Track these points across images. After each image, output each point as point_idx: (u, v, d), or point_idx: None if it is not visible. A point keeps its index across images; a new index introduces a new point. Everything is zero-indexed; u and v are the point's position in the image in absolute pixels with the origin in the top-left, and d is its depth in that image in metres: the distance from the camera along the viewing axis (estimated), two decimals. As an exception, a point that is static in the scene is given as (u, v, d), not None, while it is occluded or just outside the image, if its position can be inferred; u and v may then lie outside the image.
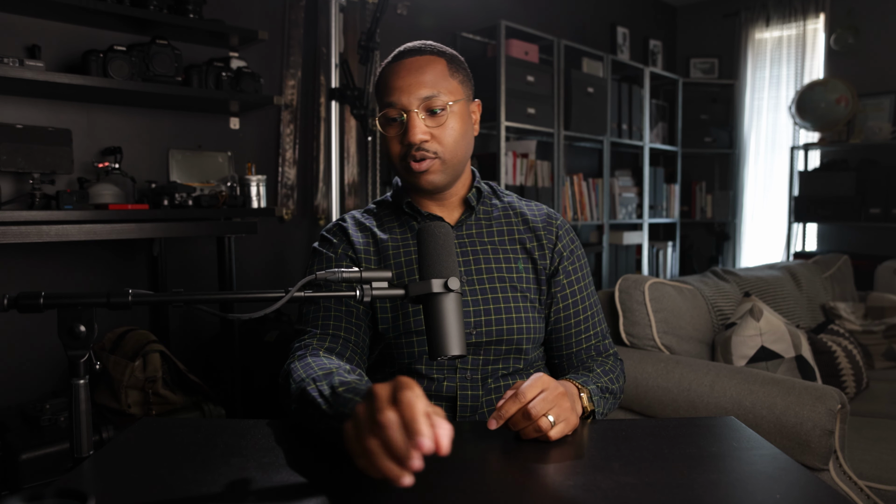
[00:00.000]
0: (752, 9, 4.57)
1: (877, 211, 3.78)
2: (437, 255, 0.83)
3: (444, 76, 1.07)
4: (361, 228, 1.16)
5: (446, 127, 1.06)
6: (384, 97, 1.08)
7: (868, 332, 2.63)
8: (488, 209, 1.18)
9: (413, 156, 1.05)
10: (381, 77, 1.11)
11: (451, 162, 1.08)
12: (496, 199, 1.21)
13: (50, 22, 2.13)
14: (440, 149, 1.06)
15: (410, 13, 3.13)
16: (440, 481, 0.73)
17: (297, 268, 2.87)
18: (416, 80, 1.05)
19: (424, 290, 0.80)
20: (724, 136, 4.65)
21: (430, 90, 1.05)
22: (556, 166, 3.60)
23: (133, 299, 0.74)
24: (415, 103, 1.04)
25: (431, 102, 1.05)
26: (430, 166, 1.06)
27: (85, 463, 0.75)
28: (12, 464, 1.67)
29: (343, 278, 0.79)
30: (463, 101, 1.10)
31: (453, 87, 1.08)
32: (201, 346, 2.56)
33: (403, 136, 1.06)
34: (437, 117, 1.06)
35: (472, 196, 1.15)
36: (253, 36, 2.33)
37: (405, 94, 1.05)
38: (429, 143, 1.05)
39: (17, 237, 1.78)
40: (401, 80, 1.06)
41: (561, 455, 0.81)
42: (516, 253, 1.14)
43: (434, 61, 1.08)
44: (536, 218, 1.18)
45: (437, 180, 1.08)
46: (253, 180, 2.38)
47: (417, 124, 1.04)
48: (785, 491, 0.69)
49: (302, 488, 0.71)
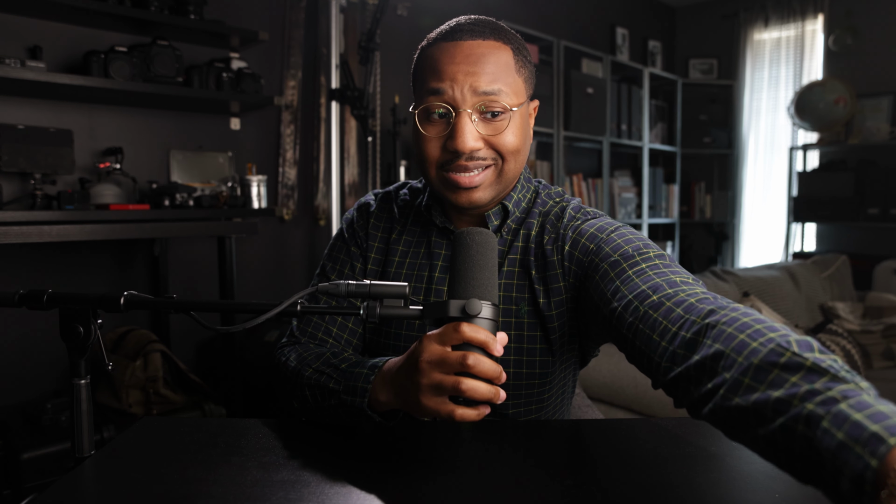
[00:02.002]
0: (750, 10, 4.57)
1: (875, 211, 3.78)
2: (467, 270, 0.69)
3: (509, 70, 0.85)
4: (386, 217, 1.00)
5: (506, 133, 0.85)
6: (428, 82, 0.84)
7: (866, 331, 2.63)
8: (517, 227, 0.93)
9: (460, 166, 0.84)
10: (427, 57, 0.86)
11: (508, 175, 0.88)
12: (531, 211, 0.94)
13: (51, 23, 2.13)
14: (496, 156, 0.86)
15: (411, 14, 3.13)
16: (440, 481, 0.74)
17: (298, 268, 2.87)
18: (474, 68, 0.82)
19: (440, 313, 0.68)
20: (724, 137, 4.65)
21: (490, 85, 0.83)
22: (556, 166, 3.61)
23: (125, 303, 0.74)
24: (469, 100, 0.82)
25: (490, 102, 0.83)
26: (483, 180, 0.86)
27: (86, 462, 0.76)
28: (14, 463, 1.67)
29: (348, 292, 0.67)
30: (525, 105, 0.88)
31: (518, 87, 0.86)
32: (202, 345, 2.56)
33: (449, 139, 0.83)
34: (495, 122, 0.84)
35: (493, 213, 0.92)
36: (253, 36, 2.34)
37: (458, 85, 0.82)
38: (482, 151, 0.85)
39: (18, 237, 1.78)
40: (454, 66, 0.82)
41: (561, 455, 0.81)
42: (522, 291, 0.90)
43: (499, 49, 0.85)
44: (549, 234, 0.91)
45: (484, 197, 0.87)
46: (253, 180, 2.38)
47: (468, 128, 0.82)
48: (784, 490, 0.70)
49: (302, 488, 0.71)
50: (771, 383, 0.54)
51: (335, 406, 0.85)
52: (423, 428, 0.94)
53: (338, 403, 0.85)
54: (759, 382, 0.55)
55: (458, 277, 0.69)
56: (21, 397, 2.11)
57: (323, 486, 0.71)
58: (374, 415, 0.83)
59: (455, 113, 0.83)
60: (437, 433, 0.90)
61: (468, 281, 0.68)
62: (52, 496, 0.68)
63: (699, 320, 0.64)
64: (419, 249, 0.96)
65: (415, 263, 0.95)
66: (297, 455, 0.80)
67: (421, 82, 0.87)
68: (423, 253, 0.96)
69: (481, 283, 0.68)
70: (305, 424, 0.93)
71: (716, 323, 0.62)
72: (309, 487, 0.71)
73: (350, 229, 1.01)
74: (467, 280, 0.68)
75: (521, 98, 0.87)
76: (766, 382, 0.54)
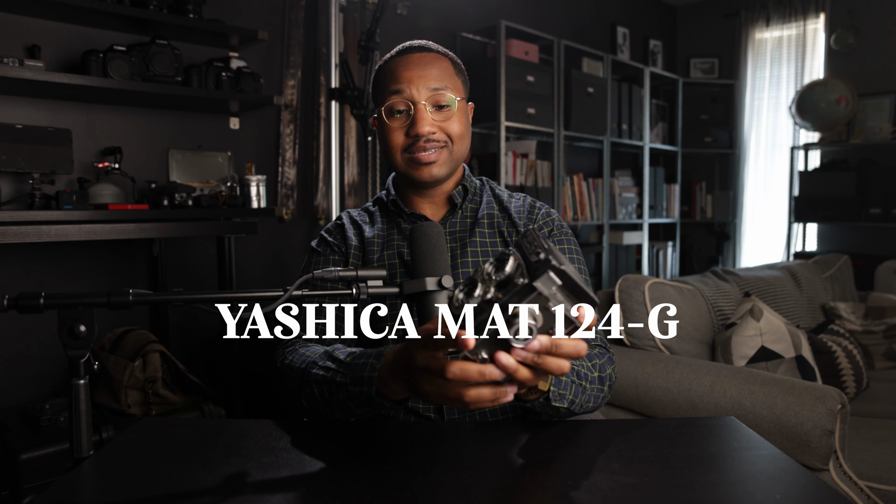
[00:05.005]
0: (752, 9, 4.57)
1: (877, 211, 3.78)
2: (431, 254, 0.84)
3: (450, 74, 1.10)
4: (355, 227, 1.18)
5: (453, 121, 1.08)
6: (389, 86, 1.08)
7: (868, 332, 2.63)
8: (475, 206, 1.18)
9: (420, 147, 1.06)
10: (386, 69, 1.11)
11: (457, 154, 1.10)
12: (486, 194, 1.20)
13: (50, 22, 2.13)
14: (447, 139, 1.08)
15: (410, 13, 3.13)
16: (440, 481, 0.73)
17: (297, 268, 2.87)
18: (425, 72, 1.07)
19: (419, 287, 0.81)
20: (725, 136, 4.65)
21: (438, 83, 1.07)
22: (556, 166, 3.60)
23: (134, 299, 0.74)
24: (424, 94, 1.06)
25: (439, 96, 1.06)
26: (438, 157, 1.08)
27: (85, 463, 0.75)
28: (12, 464, 1.67)
29: (339, 276, 0.80)
30: (464, 101, 1.13)
31: (458, 86, 1.11)
32: (201, 346, 2.56)
33: (410, 127, 1.06)
34: (444, 111, 1.08)
35: (457, 193, 1.15)
36: (253, 36, 2.33)
37: (414, 85, 1.06)
38: (436, 134, 1.07)
39: (16, 237, 1.78)
40: (409, 72, 1.07)
41: (561, 455, 0.81)
42: (497, 249, 1.13)
43: (440, 59, 1.11)
44: (520, 210, 1.17)
45: (441, 173, 1.09)
46: (253, 180, 2.38)
47: (426, 115, 1.06)
48: (785, 491, 0.69)
49: (302, 488, 0.71)
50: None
51: (344, 399, 0.86)
52: (422, 428, 0.94)
53: (346, 396, 0.86)
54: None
55: (425, 259, 0.84)
56: (19, 398, 2.11)
57: (323, 486, 0.71)
58: (385, 401, 0.83)
59: (413, 106, 1.06)
60: (437, 433, 0.90)
61: (435, 261, 0.84)
62: (51, 497, 0.68)
63: None
64: (392, 240, 1.13)
65: (392, 254, 1.12)
66: (296, 455, 0.80)
67: (382, 88, 1.10)
68: (396, 242, 1.13)
69: (444, 263, 0.84)
70: (305, 425, 0.93)
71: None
72: (309, 487, 0.71)
73: (325, 242, 1.17)
74: (434, 260, 0.84)
75: (461, 95, 1.11)
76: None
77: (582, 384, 0.91)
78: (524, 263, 0.60)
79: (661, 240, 4.65)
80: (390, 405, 0.84)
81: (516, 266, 0.60)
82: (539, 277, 0.58)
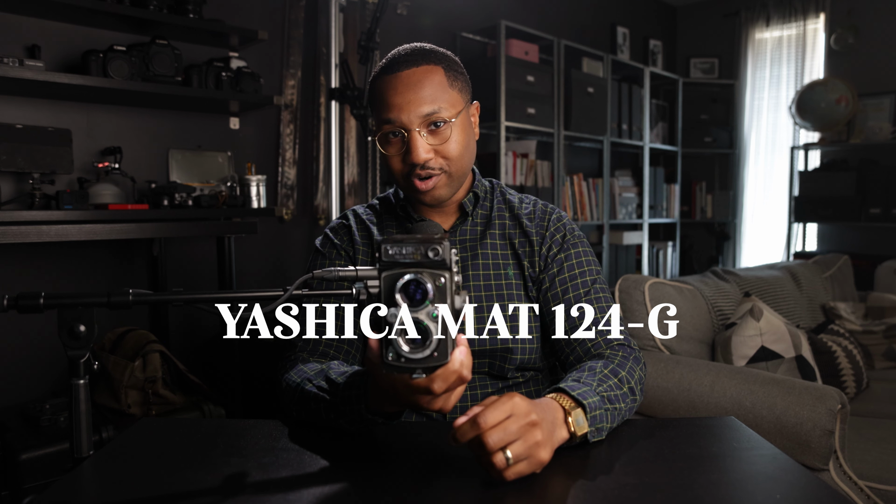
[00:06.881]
0: (752, 9, 4.57)
1: (877, 211, 3.78)
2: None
3: (443, 88, 1.01)
4: (362, 227, 1.15)
5: (450, 141, 1.01)
6: (381, 113, 1.02)
7: (868, 332, 2.63)
8: (486, 212, 1.15)
9: (418, 174, 1.01)
10: (376, 90, 1.04)
11: (457, 174, 1.05)
12: (497, 199, 1.17)
13: (50, 22, 2.13)
14: (445, 163, 1.02)
15: (410, 13, 3.13)
16: (440, 481, 0.73)
17: (297, 268, 2.87)
18: (414, 96, 0.99)
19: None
20: (725, 136, 4.65)
21: (430, 106, 0.99)
22: (556, 166, 3.60)
23: (134, 299, 0.74)
24: (416, 122, 0.99)
25: (433, 118, 1.00)
26: (437, 182, 1.03)
27: (85, 463, 0.75)
28: (12, 464, 1.67)
29: (339, 276, 0.77)
30: (464, 111, 1.05)
31: (454, 99, 1.03)
32: (201, 346, 2.56)
33: (406, 155, 1.01)
34: (440, 132, 1.01)
35: (468, 201, 1.12)
36: (253, 36, 2.33)
37: (404, 113, 0.99)
38: (433, 160, 1.01)
39: (16, 237, 1.78)
40: (399, 97, 0.99)
41: (560, 455, 0.81)
42: (507, 258, 1.11)
43: (431, 72, 1.01)
44: (532, 216, 1.14)
45: (443, 195, 1.05)
46: (253, 180, 2.38)
47: (420, 143, 0.99)
48: (785, 491, 0.69)
49: (302, 488, 0.71)
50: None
51: (335, 418, 0.88)
52: (422, 428, 0.94)
53: (338, 415, 0.87)
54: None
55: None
56: (19, 398, 2.11)
57: (322, 487, 0.71)
58: (376, 417, 0.84)
59: (407, 133, 1.00)
60: (436, 433, 0.90)
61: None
62: (51, 497, 0.68)
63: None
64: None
65: None
66: (296, 455, 0.80)
67: (376, 112, 1.04)
68: None
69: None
70: (305, 425, 0.93)
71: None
72: (309, 487, 0.71)
73: (330, 243, 1.14)
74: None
75: (459, 107, 1.03)
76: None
77: (615, 407, 0.89)
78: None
79: (661, 240, 4.65)
80: (382, 421, 0.85)
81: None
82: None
